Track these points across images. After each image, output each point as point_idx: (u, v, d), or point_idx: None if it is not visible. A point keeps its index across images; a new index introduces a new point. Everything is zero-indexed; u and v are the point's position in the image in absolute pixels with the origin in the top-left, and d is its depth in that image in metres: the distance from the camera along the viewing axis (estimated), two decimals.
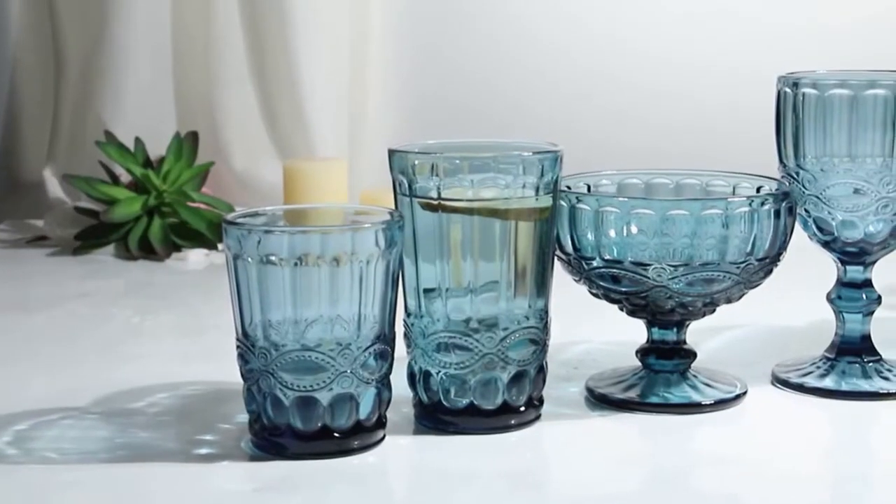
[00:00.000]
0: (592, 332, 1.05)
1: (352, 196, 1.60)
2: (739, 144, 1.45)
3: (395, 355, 0.82)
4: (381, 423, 0.81)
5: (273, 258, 0.76)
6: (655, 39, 1.70)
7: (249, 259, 0.77)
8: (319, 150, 1.67)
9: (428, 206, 0.82)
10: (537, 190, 0.82)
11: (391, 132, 1.72)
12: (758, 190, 0.91)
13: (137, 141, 1.50)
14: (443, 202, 0.81)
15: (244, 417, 0.82)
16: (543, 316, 0.84)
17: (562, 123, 1.70)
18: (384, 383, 0.80)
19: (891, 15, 1.63)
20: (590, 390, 0.91)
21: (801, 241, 0.92)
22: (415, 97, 1.75)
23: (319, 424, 0.78)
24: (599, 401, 0.90)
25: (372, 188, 1.54)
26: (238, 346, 0.80)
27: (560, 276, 0.89)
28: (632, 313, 0.89)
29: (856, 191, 0.88)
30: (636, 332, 0.92)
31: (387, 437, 0.82)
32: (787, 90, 0.90)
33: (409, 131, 1.69)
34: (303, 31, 1.66)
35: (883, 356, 0.94)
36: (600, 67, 1.72)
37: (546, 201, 0.83)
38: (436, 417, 0.84)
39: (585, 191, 0.93)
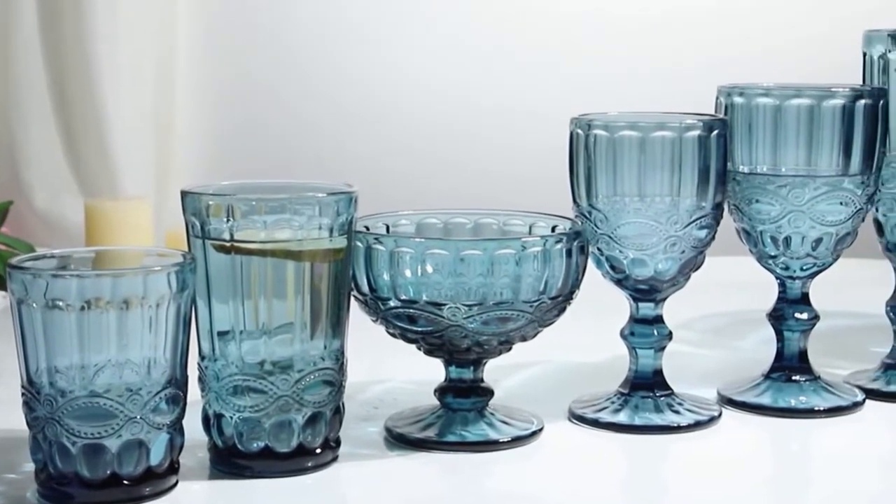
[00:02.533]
0: (394, 370, 1.05)
1: (158, 236, 1.57)
2: (541, 183, 1.48)
3: (190, 399, 0.81)
4: (173, 468, 0.80)
5: (60, 303, 0.75)
6: (457, 81, 1.72)
7: (34, 304, 0.75)
8: (124, 189, 1.64)
9: (221, 248, 0.81)
10: (331, 231, 0.82)
11: (199, 171, 1.70)
12: (553, 229, 0.93)
13: None
14: (235, 244, 0.80)
15: (31, 466, 0.80)
16: (339, 357, 0.84)
17: (368, 163, 1.70)
18: (176, 428, 0.79)
19: (678, 60, 1.68)
20: (388, 430, 0.91)
21: (596, 278, 0.94)
22: (222, 136, 1.74)
23: (108, 472, 0.76)
24: (398, 440, 0.90)
25: (177, 228, 1.51)
26: (23, 394, 0.77)
27: (362, 316, 0.89)
28: (429, 353, 0.90)
29: (645, 230, 0.91)
30: (437, 370, 0.93)
31: (180, 484, 0.80)
32: (580, 131, 0.92)
33: (217, 170, 1.68)
34: (107, 67, 1.64)
35: (674, 390, 0.96)
36: (405, 108, 1.73)
37: (341, 242, 0.83)
38: (231, 462, 0.83)
39: (384, 231, 0.94)
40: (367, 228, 0.92)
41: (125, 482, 0.77)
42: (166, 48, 1.70)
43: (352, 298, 0.87)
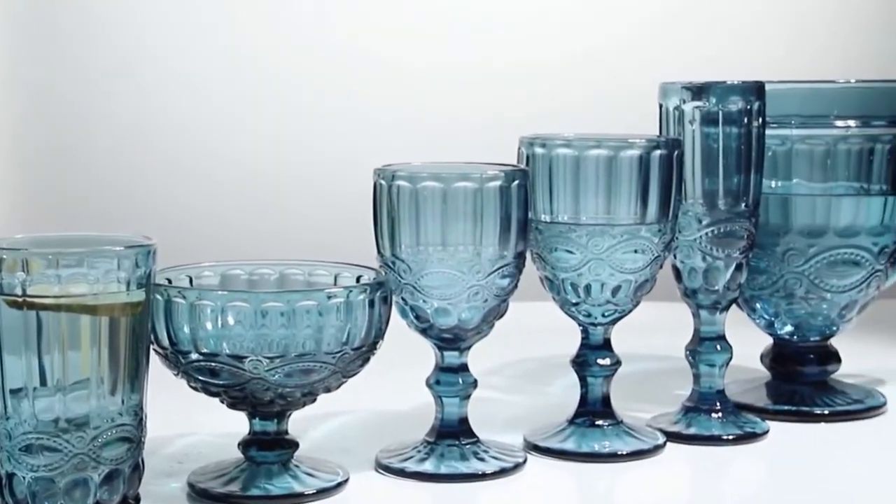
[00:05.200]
0: (200, 423, 1.04)
1: None
2: (352, 234, 1.48)
3: None
4: None
5: None
6: (266, 129, 1.71)
7: None
8: None
9: (13, 304, 0.79)
10: (129, 284, 0.81)
11: (3, 222, 1.66)
12: (358, 280, 0.93)
13: None
14: (28, 299, 0.79)
15: None
16: (138, 412, 0.83)
17: (175, 214, 1.68)
18: None
19: (482, 111, 1.70)
20: (191, 485, 0.90)
21: (402, 328, 0.94)
22: (27, 187, 1.70)
23: None
24: (200, 496, 0.88)
25: None
26: None
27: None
28: (232, 406, 0.89)
29: (448, 279, 0.91)
30: (245, 422, 0.92)
31: None
32: (383, 182, 0.93)
33: (22, 222, 1.64)
34: None
35: (481, 437, 0.97)
36: (218, 154, 1.71)
37: (139, 296, 0.82)
38: None
39: (187, 283, 0.93)
40: (170, 281, 0.91)
41: None
42: None
43: (151, 352, 0.85)
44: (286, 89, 1.71)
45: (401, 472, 0.94)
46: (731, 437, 1.04)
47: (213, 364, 0.85)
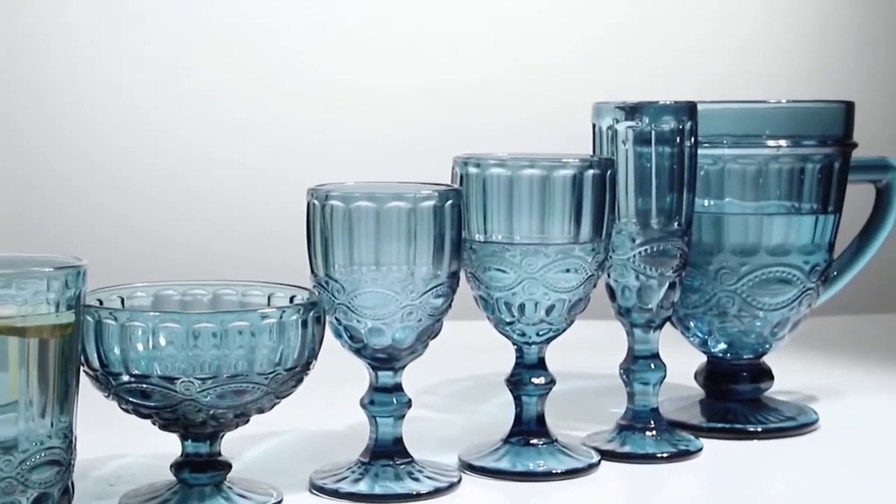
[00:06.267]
0: (132, 445, 1.03)
1: None
2: (286, 253, 1.48)
3: None
4: None
5: None
6: (199, 146, 1.70)
7: None
8: None
9: None
10: (58, 306, 0.80)
11: None
12: (291, 300, 0.93)
13: None
14: None
15: None
16: (68, 434, 0.82)
17: (109, 233, 1.67)
18: None
19: (416, 131, 1.71)
20: None
21: (337, 347, 0.94)
22: None
23: None
24: None
25: None
26: None
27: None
28: (164, 427, 0.88)
29: (382, 299, 0.91)
30: (178, 443, 0.91)
31: None
32: (316, 202, 0.92)
33: None
34: None
35: (416, 457, 0.97)
36: (138, 179, 1.70)
37: (68, 317, 0.81)
38: None
39: (119, 304, 0.92)
40: (101, 301, 0.90)
41: None
42: None
43: (82, 374, 0.85)
44: (219, 107, 1.70)
45: (335, 493, 0.93)
46: (665, 455, 1.04)
47: (144, 386, 0.85)
